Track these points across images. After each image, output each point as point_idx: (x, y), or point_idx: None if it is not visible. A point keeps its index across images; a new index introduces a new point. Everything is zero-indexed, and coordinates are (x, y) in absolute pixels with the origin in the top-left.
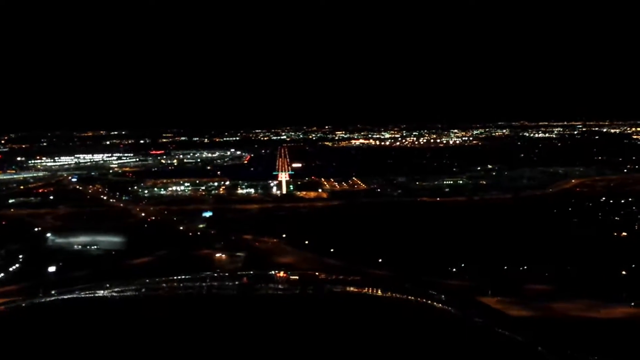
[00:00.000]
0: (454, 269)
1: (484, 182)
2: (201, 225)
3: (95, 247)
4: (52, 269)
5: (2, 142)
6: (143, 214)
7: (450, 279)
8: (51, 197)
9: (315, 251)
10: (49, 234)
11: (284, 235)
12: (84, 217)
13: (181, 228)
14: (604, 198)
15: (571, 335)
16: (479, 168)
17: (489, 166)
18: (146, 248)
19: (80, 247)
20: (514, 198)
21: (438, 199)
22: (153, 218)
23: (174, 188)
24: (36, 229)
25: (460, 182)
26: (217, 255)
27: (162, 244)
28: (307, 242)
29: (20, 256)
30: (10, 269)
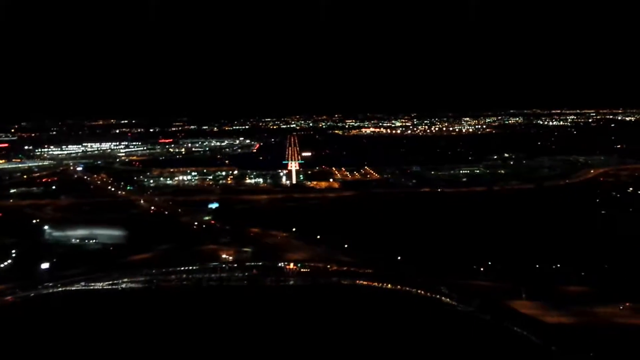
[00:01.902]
0: (482, 268)
1: (503, 172)
2: (207, 218)
3: (94, 241)
4: (45, 265)
5: (12, 130)
6: (147, 205)
7: (477, 280)
8: (54, 187)
9: (327, 246)
10: (46, 227)
11: (294, 229)
12: (86, 208)
13: (186, 220)
14: (631, 188)
15: (611, 340)
16: (495, 157)
17: (506, 155)
18: (147, 243)
19: (78, 241)
20: (537, 188)
21: (456, 189)
22: (157, 209)
23: (181, 177)
24: (34, 221)
25: (477, 171)
26: (222, 250)
27: (164, 238)
28: (318, 236)
29: (14, 251)
30: (2, 265)
